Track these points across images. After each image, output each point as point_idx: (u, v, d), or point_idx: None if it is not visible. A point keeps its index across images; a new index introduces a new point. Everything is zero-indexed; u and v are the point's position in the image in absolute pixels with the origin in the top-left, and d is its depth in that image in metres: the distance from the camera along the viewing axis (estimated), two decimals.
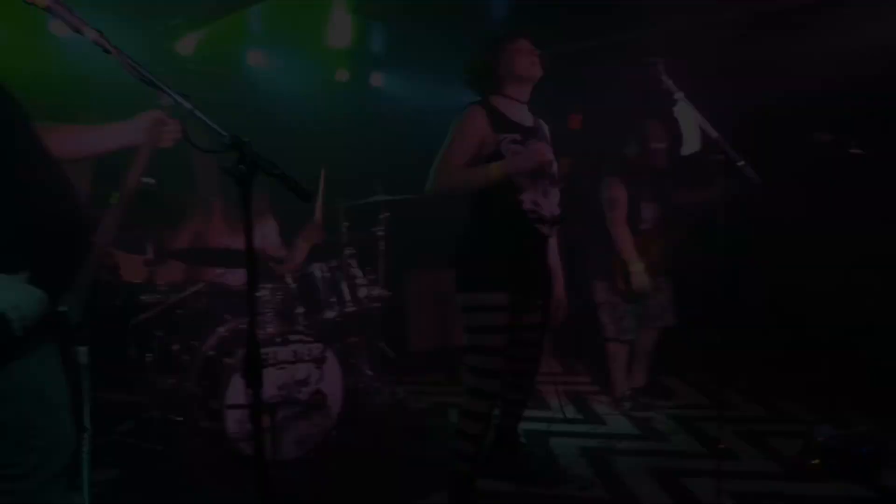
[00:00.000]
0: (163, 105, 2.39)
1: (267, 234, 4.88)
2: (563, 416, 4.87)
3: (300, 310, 4.46)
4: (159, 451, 3.90)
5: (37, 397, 1.85)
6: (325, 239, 4.89)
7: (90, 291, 2.37)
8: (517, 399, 3.65)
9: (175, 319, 4.25)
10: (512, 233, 3.20)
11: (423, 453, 4.15)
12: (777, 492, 3.65)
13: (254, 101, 5.68)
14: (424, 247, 5.61)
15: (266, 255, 4.67)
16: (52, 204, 1.82)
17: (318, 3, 5.57)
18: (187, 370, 4.14)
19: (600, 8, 5.27)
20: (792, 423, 4.78)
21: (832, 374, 5.33)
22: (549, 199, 3.26)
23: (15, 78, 1.92)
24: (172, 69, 5.20)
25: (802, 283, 5.58)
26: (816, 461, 3.92)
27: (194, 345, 4.22)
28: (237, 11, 5.29)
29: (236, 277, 4.54)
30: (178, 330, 4.25)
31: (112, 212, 2.54)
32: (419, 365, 6.12)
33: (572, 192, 3.70)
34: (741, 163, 3.24)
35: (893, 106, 5.07)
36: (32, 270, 1.78)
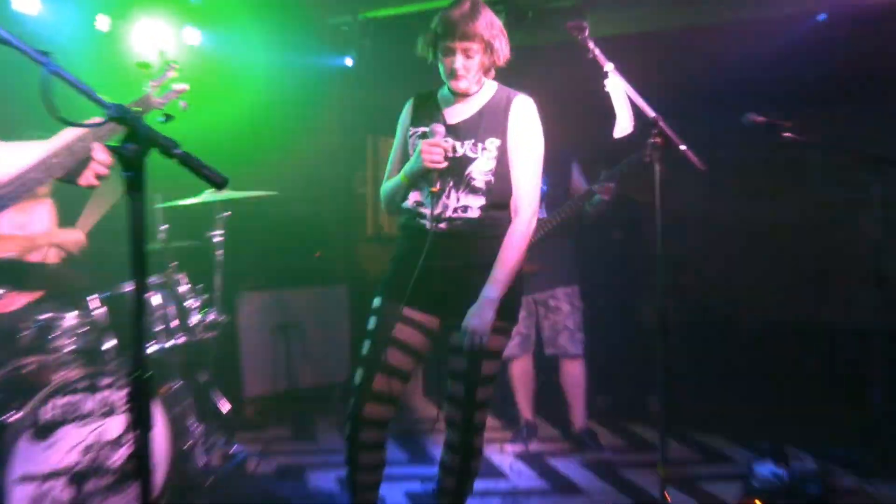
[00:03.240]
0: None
1: (39, 217, 4.83)
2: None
3: (111, 343, 4.40)
4: None
5: None
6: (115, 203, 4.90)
7: None
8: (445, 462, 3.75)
9: None
10: (401, 234, 3.65)
11: None
12: None
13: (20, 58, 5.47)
14: (265, 259, 5.64)
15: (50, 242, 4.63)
16: None
17: None
18: None
19: None
20: (727, 463, 5.25)
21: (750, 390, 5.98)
22: (444, 201, 3.46)
23: None
24: None
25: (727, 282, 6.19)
26: None
27: None
28: None
29: (6, 302, 4.41)
30: None
31: None
32: (260, 416, 6.15)
33: None
34: (683, 147, 3.58)
35: (825, 80, 5.82)
36: None
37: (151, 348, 4.62)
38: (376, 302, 3.59)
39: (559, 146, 5.58)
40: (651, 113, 3.57)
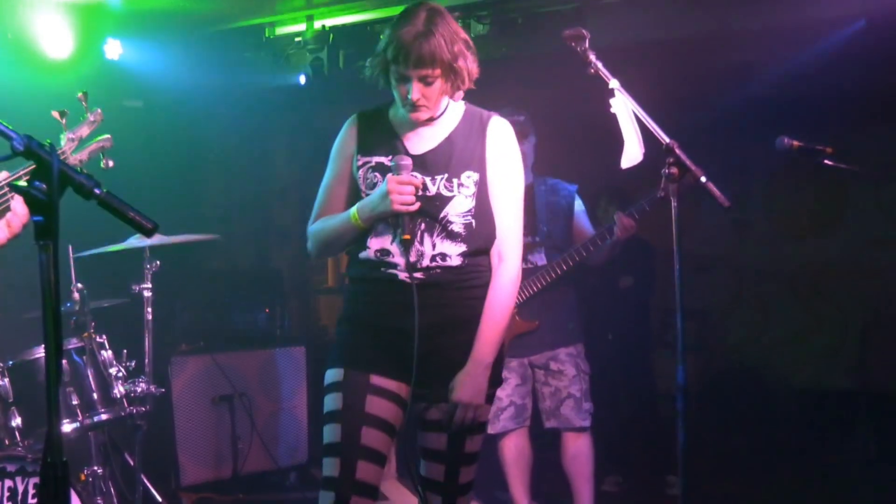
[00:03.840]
0: None
1: None
2: None
3: (16, 421, 4.38)
4: None
5: None
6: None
7: None
8: None
9: None
10: (359, 289, 3.54)
11: None
12: None
13: None
14: (204, 318, 5.62)
15: None
16: None
17: None
18: None
19: None
20: None
21: None
22: (417, 248, 3.39)
23: None
24: None
25: None
26: None
27: None
28: None
29: None
30: None
31: None
32: None
33: None
34: (704, 178, 3.60)
35: (866, 95, 5.90)
36: None
37: (67, 426, 4.56)
38: (334, 375, 3.44)
39: (559, 178, 5.62)
40: (665, 138, 3.58)
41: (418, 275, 3.36)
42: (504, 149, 3.50)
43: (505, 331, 3.46)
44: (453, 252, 3.40)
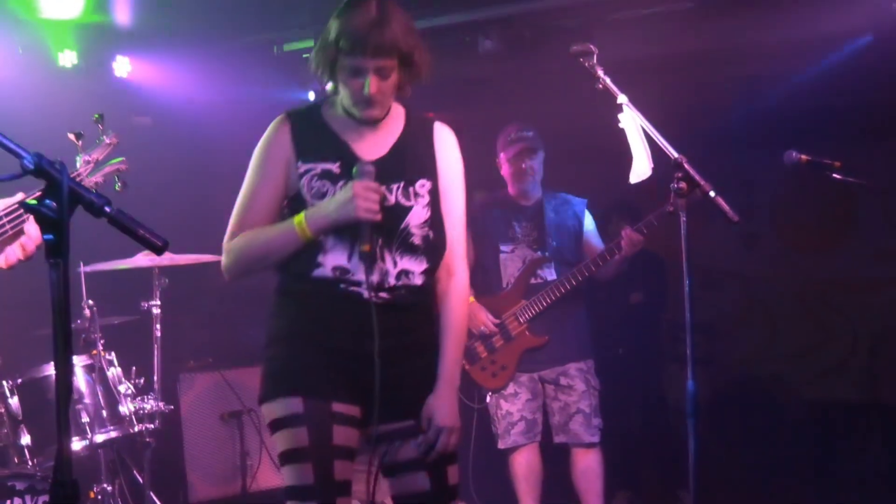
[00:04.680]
0: None
1: None
2: None
3: (25, 439, 4.39)
4: None
5: None
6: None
7: None
8: None
9: None
10: (305, 303, 3.21)
11: None
12: None
13: None
14: (213, 334, 5.62)
15: None
16: None
17: None
18: None
19: None
20: None
21: None
22: (379, 265, 3.16)
23: None
24: None
25: None
26: None
27: None
28: None
29: None
30: None
31: None
32: None
33: None
34: (713, 193, 3.59)
35: (875, 110, 5.90)
36: None
37: (76, 444, 4.56)
38: (291, 405, 3.07)
39: (567, 192, 5.62)
40: (674, 153, 3.58)
41: (383, 294, 3.12)
42: (452, 155, 3.34)
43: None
44: (416, 269, 3.18)
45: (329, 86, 3.22)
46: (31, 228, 2.61)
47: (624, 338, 6.85)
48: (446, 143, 3.34)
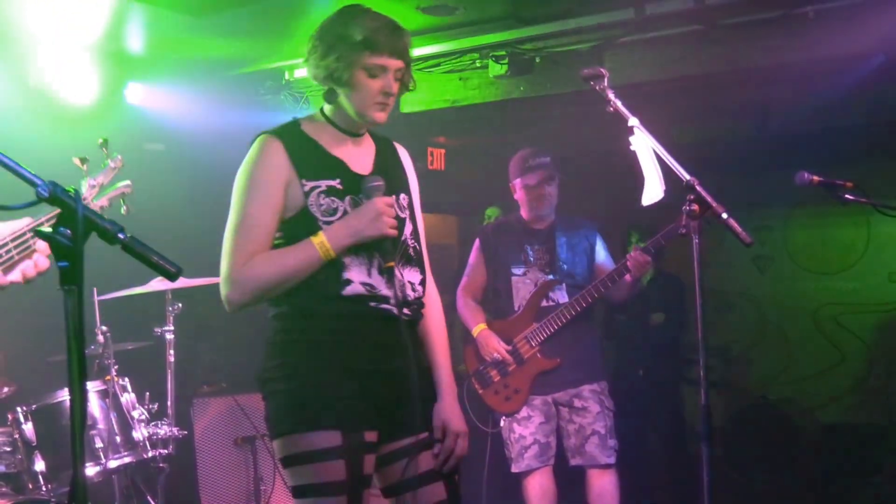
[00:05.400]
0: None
1: None
2: None
3: (40, 465, 4.40)
4: None
5: None
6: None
7: None
8: None
9: None
10: (333, 327, 3.15)
11: None
12: None
13: None
14: (226, 359, 5.62)
15: None
16: None
17: None
18: None
19: None
20: None
21: None
22: (398, 279, 3.18)
23: None
24: None
25: None
26: None
27: None
28: None
29: None
30: None
31: None
32: None
33: None
34: (725, 215, 3.59)
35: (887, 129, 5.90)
36: None
37: (90, 470, 4.57)
38: (326, 439, 3.00)
39: (580, 215, 5.62)
40: (685, 175, 3.58)
41: (406, 310, 3.16)
42: (414, 173, 3.41)
43: None
44: (416, 280, 3.24)
45: (327, 91, 3.19)
46: (41, 259, 2.55)
47: (643, 359, 6.84)
48: (410, 163, 3.41)
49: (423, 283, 3.26)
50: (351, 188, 3.12)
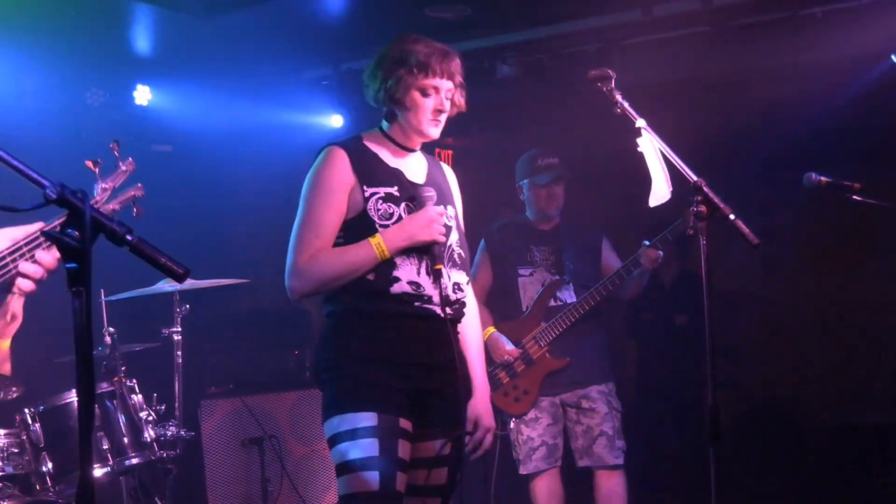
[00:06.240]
0: None
1: None
2: None
3: (47, 466, 4.40)
4: None
5: None
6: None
7: None
8: None
9: None
10: (383, 324, 3.48)
11: None
12: None
13: None
14: (234, 360, 5.62)
15: None
16: None
17: None
18: None
19: None
20: None
21: None
22: (443, 280, 3.48)
23: None
24: None
25: None
26: None
27: None
28: None
29: None
30: None
31: None
32: None
33: None
34: (733, 216, 3.58)
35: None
36: None
37: (98, 471, 4.57)
38: (367, 419, 3.34)
39: (585, 216, 5.62)
40: (693, 176, 3.58)
41: (449, 310, 3.47)
42: (458, 189, 3.81)
43: None
44: (462, 281, 3.59)
45: (385, 110, 3.59)
46: (43, 255, 2.57)
47: (646, 359, 6.84)
48: (454, 178, 3.82)
49: (466, 285, 3.61)
50: (406, 196, 3.48)
